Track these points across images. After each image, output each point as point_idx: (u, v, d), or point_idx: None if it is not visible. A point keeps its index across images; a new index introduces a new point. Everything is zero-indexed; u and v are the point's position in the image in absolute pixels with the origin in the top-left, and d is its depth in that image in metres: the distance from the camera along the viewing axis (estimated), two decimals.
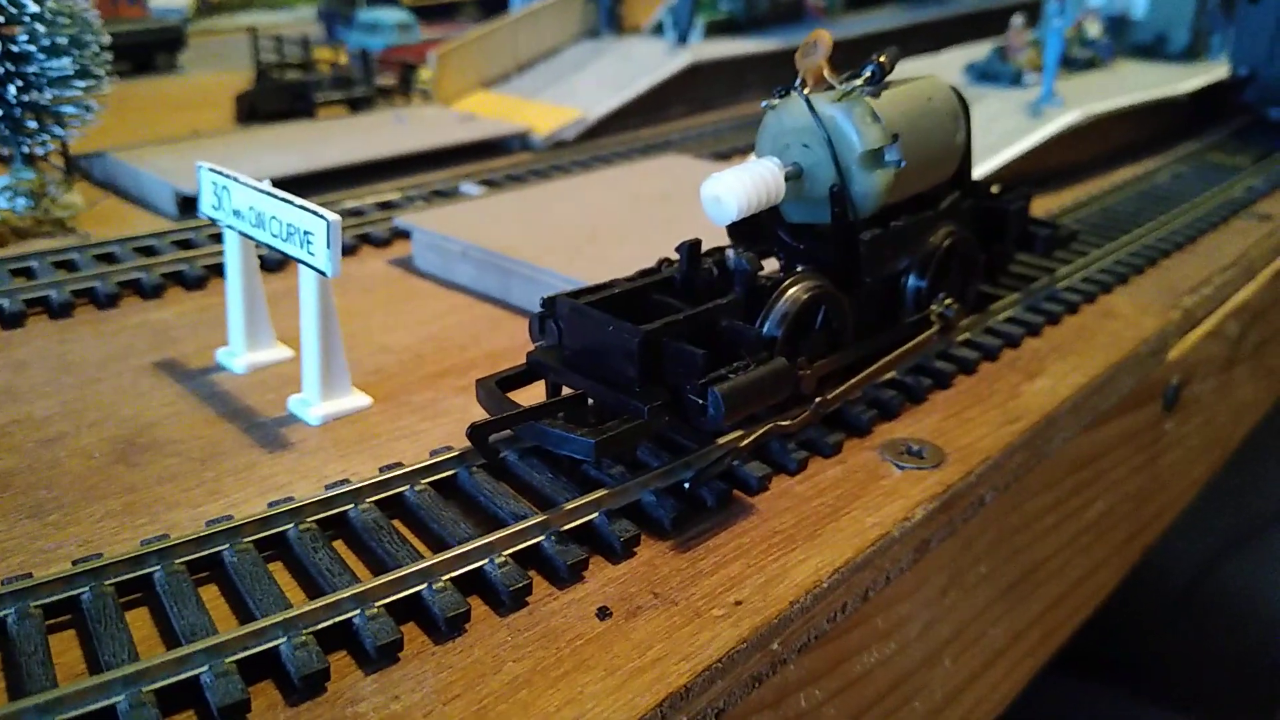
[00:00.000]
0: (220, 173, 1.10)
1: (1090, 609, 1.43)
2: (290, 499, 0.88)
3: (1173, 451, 1.56)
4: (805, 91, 1.02)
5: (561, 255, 1.34)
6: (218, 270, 1.42)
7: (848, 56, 1.08)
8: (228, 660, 0.70)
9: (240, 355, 1.16)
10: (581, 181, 1.72)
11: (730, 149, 2.19)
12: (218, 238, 1.50)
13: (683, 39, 2.61)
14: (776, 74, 2.68)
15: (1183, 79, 2.18)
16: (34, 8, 1.54)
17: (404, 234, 1.52)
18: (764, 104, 1.06)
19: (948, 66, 2.23)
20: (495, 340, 1.26)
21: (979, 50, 2.34)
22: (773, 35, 2.77)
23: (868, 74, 1.02)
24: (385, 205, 1.72)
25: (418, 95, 2.39)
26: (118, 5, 2.90)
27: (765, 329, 0.95)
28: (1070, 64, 2.13)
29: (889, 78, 1.05)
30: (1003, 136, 1.80)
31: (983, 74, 2.11)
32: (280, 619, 0.73)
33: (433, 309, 1.35)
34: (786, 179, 1.00)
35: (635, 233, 1.45)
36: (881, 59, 1.03)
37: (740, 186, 0.96)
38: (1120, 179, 1.95)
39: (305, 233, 0.98)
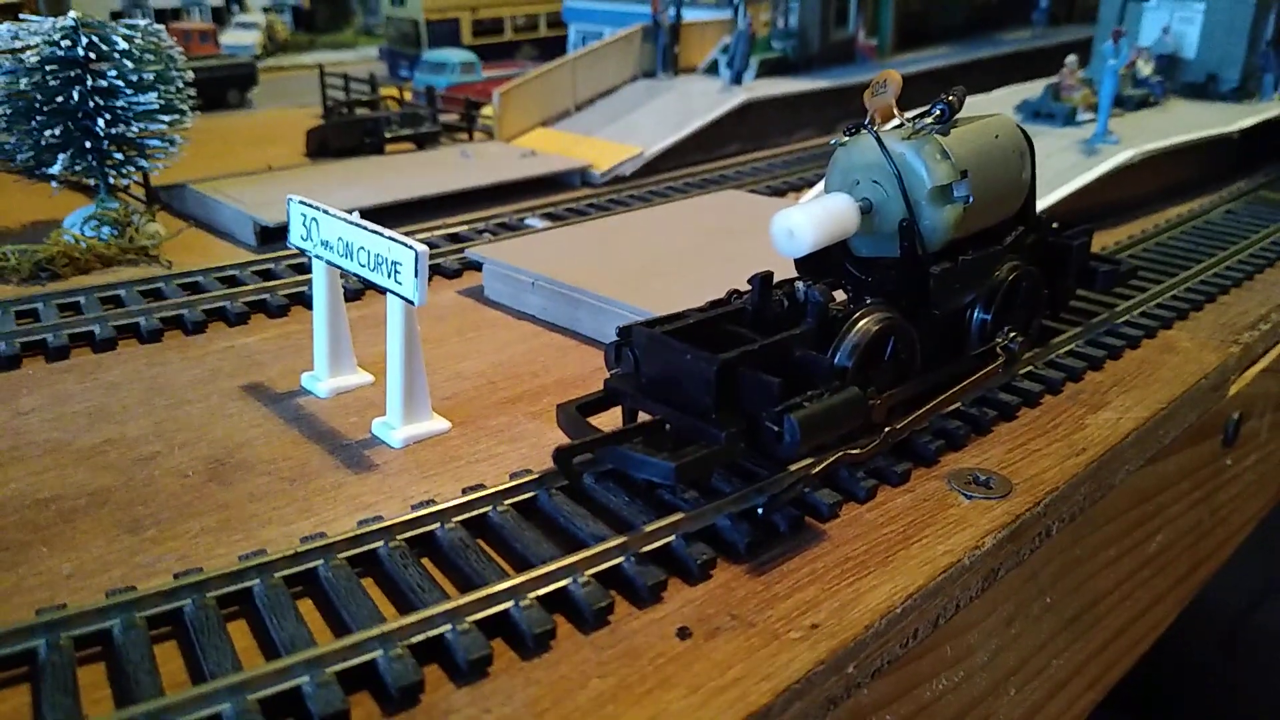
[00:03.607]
0: (309, 204, 1.15)
1: (1148, 644, 1.43)
2: (379, 518, 0.92)
3: (1231, 486, 1.56)
4: (875, 129, 1.06)
5: (627, 287, 1.38)
6: (298, 299, 1.47)
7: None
8: (328, 671, 0.73)
9: (324, 380, 1.20)
10: (643, 216, 1.76)
11: (784, 184, 2.23)
12: (297, 268, 1.56)
13: (737, 79, 2.66)
14: (828, 112, 2.73)
15: (1235, 118, 2.19)
16: (123, 45, 1.62)
17: (473, 265, 1.57)
18: (833, 141, 1.09)
19: (1000, 105, 2.25)
20: (564, 368, 1.30)
21: (1031, 89, 2.36)
22: (824, 75, 2.81)
23: (937, 112, 1.05)
24: (454, 238, 1.77)
25: (481, 132, 2.45)
26: (190, 43, 3.01)
27: (837, 359, 0.98)
28: (1123, 102, 2.15)
29: (956, 116, 1.08)
30: (1058, 173, 1.82)
31: (1036, 112, 2.14)
32: (377, 632, 0.76)
33: (503, 337, 1.39)
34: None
35: (696, 265, 1.48)
36: (950, 98, 1.06)
37: (815, 221, 0.99)
38: (1173, 216, 1.96)
39: (393, 263, 1.03)
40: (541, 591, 0.82)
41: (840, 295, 1.12)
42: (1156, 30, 2.52)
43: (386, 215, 1.81)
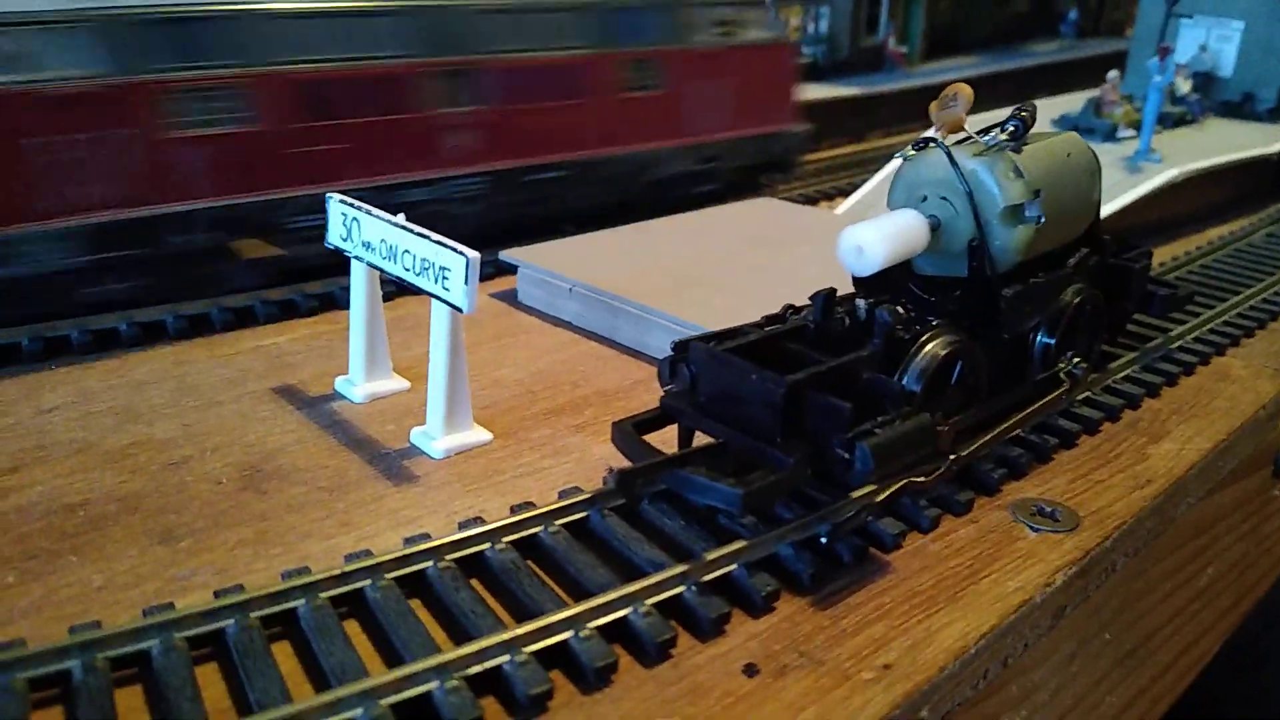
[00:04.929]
0: (351, 204, 1.11)
1: (1192, 677, 1.39)
2: (426, 536, 0.88)
3: (1277, 518, 1.53)
4: (945, 143, 1.02)
5: (667, 296, 1.34)
6: (328, 299, 1.43)
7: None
8: (382, 703, 0.69)
9: (360, 384, 1.16)
10: (676, 222, 1.71)
11: (817, 193, 2.18)
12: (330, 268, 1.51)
13: None
14: (857, 119, 2.69)
15: (1273, 138, 2.16)
16: None
17: (507, 268, 1.53)
18: (899, 155, 1.05)
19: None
20: (605, 378, 1.26)
21: (1069, 102, 2.32)
22: (854, 81, 2.77)
23: (1010, 128, 1.01)
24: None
25: None
26: None
27: (905, 382, 0.94)
28: (1161, 120, 2.11)
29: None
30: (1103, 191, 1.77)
31: (1075, 127, 2.10)
32: (433, 663, 0.72)
33: (540, 344, 1.35)
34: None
35: (734, 274, 1.44)
36: (1024, 113, 1.02)
37: (886, 238, 0.95)
38: (1214, 237, 1.93)
39: (441, 268, 0.99)
40: (601, 621, 0.78)
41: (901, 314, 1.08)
42: (1194, 48, 2.48)
43: None
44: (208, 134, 1.34)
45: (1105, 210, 1.73)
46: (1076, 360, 1.11)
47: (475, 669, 0.73)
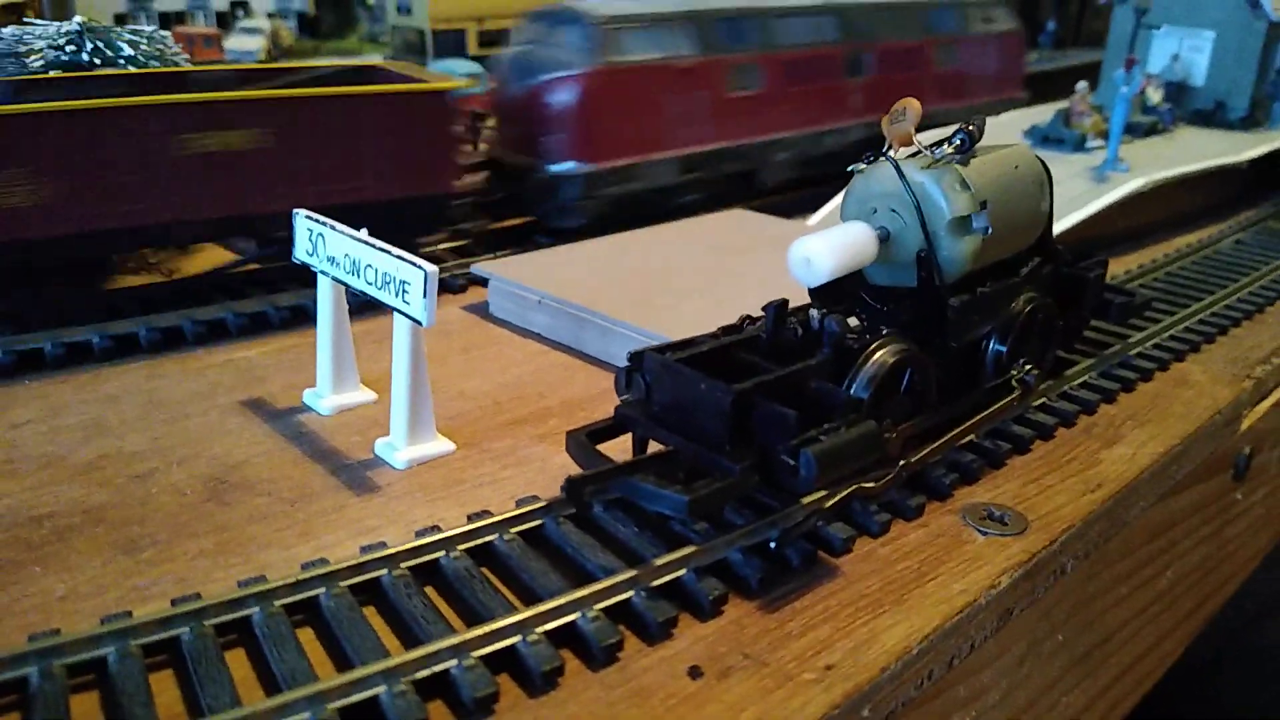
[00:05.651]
0: (316, 220, 1.13)
1: (1155, 679, 1.41)
2: (383, 544, 0.90)
3: (1239, 521, 1.55)
4: (893, 157, 1.04)
5: (634, 307, 1.36)
6: (300, 312, 1.45)
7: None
8: (330, 707, 0.71)
9: (326, 397, 1.18)
10: (650, 234, 1.74)
11: (790, 204, 2.20)
12: (299, 279, 1.53)
13: None
14: None
15: (1243, 147, 2.18)
16: (128, 50, 1.59)
17: (478, 281, 1.55)
18: (851, 168, 1.08)
19: (1008, 128, 2.24)
20: (570, 389, 1.28)
21: (1040, 113, 2.35)
22: None
23: (957, 141, 1.03)
24: (459, 251, 1.74)
25: (484, 142, 2.42)
26: (195, 48, 2.98)
27: (853, 390, 0.96)
28: (1132, 130, 2.14)
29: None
30: (1068, 201, 1.80)
31: (1045, 137, 2.13)
32: (381, 668, 0.74)
33: (508, 356, 1.37)
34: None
35: (703, 285, 1.47)
36: (970, 126, 1.05)
37: (833, 249, 0.97)
38: (1181, 245, 1.95)
39: (402, 282, 1.01)
40: (549, 626, 0.80)
41: (854, 323, 1.11)
42: (1165, 58, 2.51)
43: None
44: (740, 95, 2.00)
45: (1072, 219, 1.76)
46: (1029, 368, 1.13)
47: (423, 673, 0.75)
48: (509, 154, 1.89)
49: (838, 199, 1.95)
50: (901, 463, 0.99)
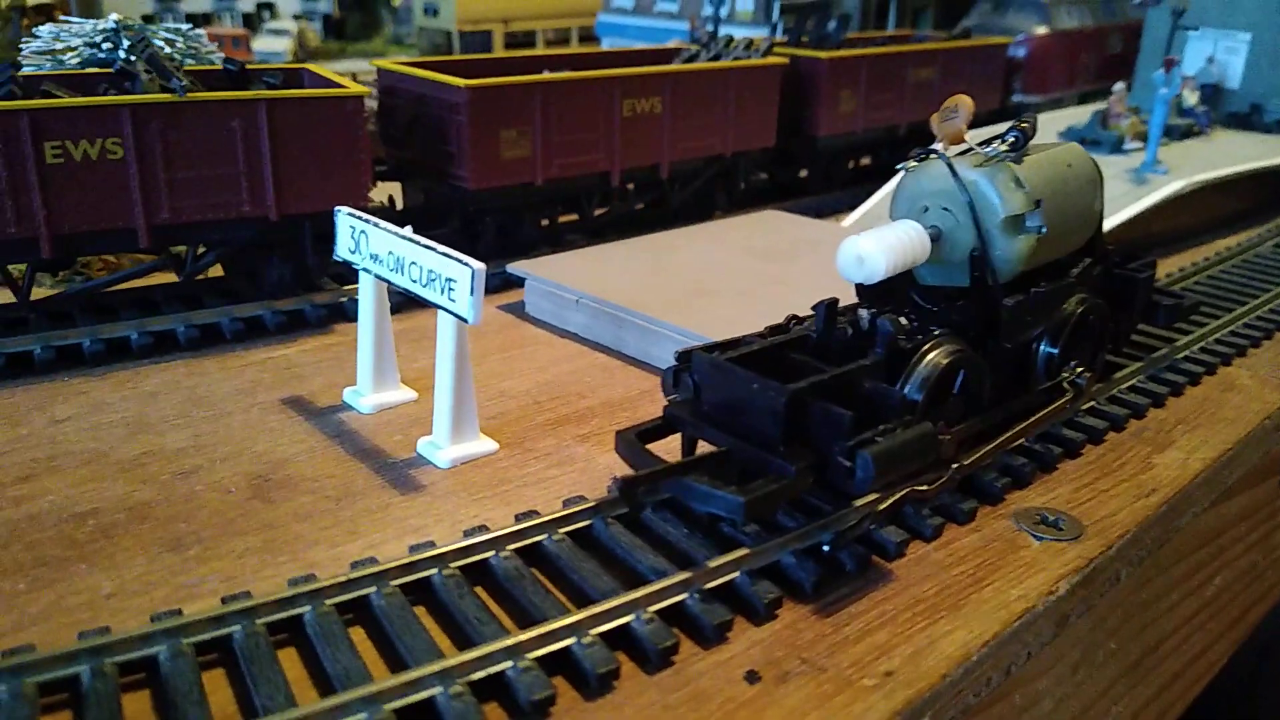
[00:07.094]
0: (359, 216, 1.12)
1: (1201, 687, 1.39)
2: (431, 543, 0.89)
3: None
4: (946, 154, 1.02)
5: (673, 308, 1.34)
6: (338, 310, 1.44)
7: None
8: (386, 708, 0.70)
9: (367, 395, 1.17)
10: (683, 234, 1.73)
11: (823, 205, 2.19)
12: (336, 277, 1.52)
13: None
14: None
15: None
16: (166, 49, 1.59)
17: (514, 280, 1.54)
18: (900, 166, 1.06)
19: (1042, 129, 2.22)
20: (610, 389, 1.26)
21: (1076, 114, 2.33)
22: None
23: (1011, 139, 1.02)
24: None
25: None
26: (223, 49, 2.98)
27: (907, 391, 0.94)
28: (1169, 132, 2.12)
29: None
30: (1107, 203, 1.77)
31: (1082, 139, 2.10)
32: (436, 669, 0.73)
33: (546, 356, 1.36)
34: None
35: (741, 286, 1.45)
36: (1024, 124, 1.03)
37: (887, 248, 0.95)
38: (1221, 248, 1.92)
39: (447, 279, 1.00)
40: (604, 628, 0.79)
41: (903, 323, 1.09)
42: (1201, 59, 2.49)
43: None
44: None
45: (1111, 222, 1.74)
46: (1080, 370, 1.11)
47: (478, 675, 0.73)
48: None
49: (872, 200, 1.94)
50: (955, 465, 0.97)
